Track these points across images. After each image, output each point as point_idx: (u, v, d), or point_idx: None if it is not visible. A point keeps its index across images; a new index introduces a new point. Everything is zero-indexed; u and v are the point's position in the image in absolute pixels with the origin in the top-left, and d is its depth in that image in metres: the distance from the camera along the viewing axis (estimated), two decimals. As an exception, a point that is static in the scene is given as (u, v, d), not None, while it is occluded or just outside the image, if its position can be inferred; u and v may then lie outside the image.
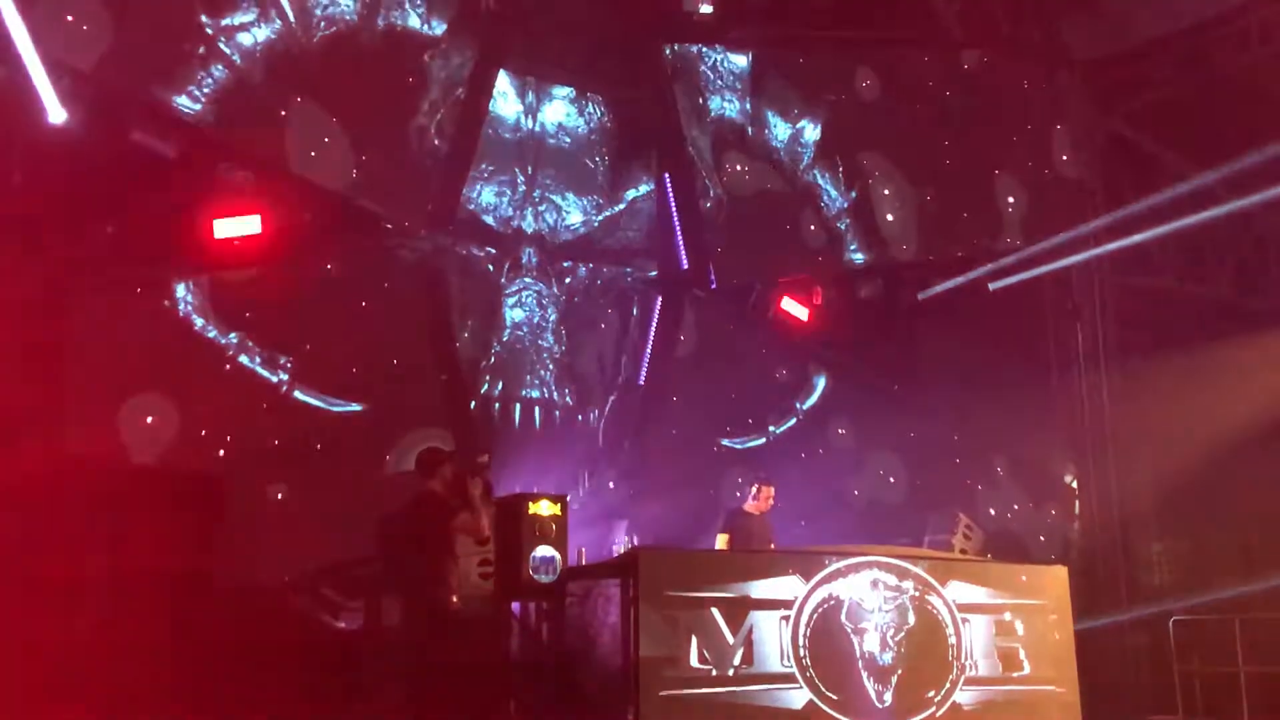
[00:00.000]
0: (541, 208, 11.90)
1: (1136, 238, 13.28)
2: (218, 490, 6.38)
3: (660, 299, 12.19)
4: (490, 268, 11.62)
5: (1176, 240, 13.95)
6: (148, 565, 6.08)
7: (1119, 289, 14.34)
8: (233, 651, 8.01)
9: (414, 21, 11.25)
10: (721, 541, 8.82)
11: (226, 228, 9.81)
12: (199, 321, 9.99)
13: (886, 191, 13.62)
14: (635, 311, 12.40)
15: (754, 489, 9.30)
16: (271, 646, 8.43)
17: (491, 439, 10.94)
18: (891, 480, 13.24)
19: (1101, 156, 14.69)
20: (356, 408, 10.51)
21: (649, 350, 12.05)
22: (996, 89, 14.27)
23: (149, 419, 9.23)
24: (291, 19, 10.48)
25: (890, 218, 13.60)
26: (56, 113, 8.59)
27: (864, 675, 7.58)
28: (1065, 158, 14.56)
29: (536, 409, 11.42)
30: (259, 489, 9.52)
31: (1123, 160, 14.61)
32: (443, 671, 7.06)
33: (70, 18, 9.13)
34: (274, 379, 10.21)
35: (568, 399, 11.54)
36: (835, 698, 7.43)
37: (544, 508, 8.00)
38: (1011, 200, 14.29)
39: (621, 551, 8.22)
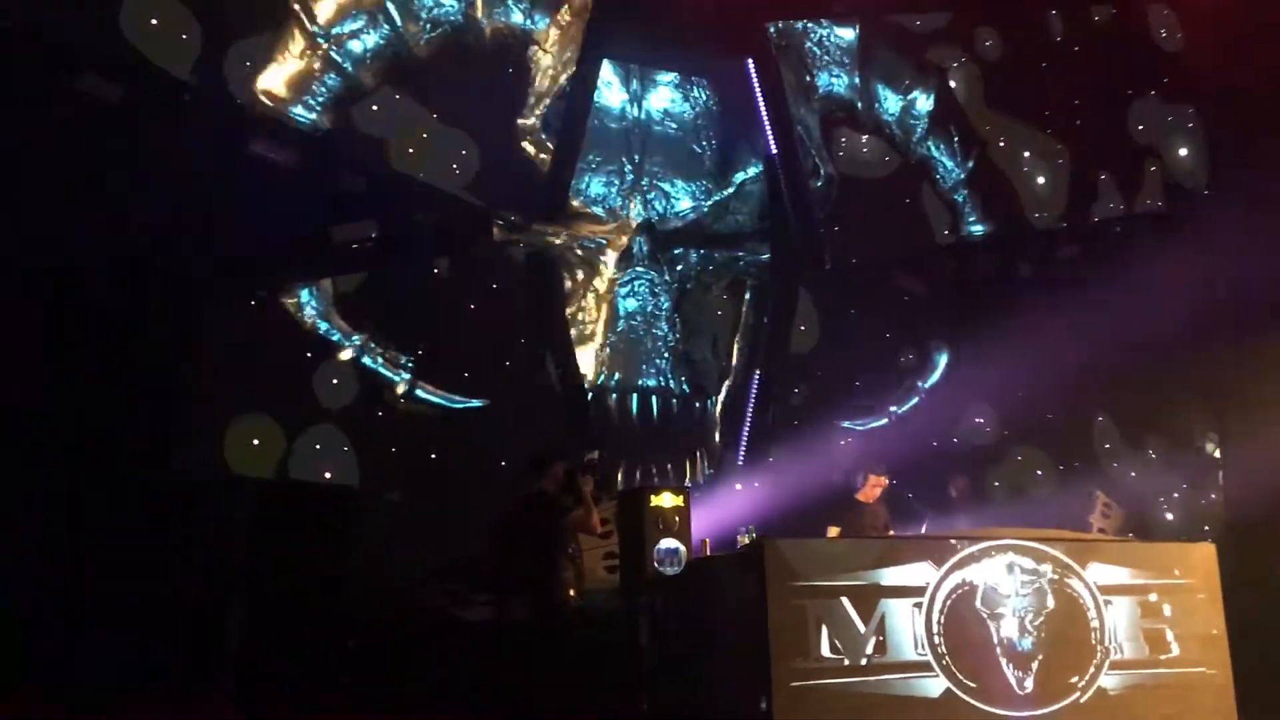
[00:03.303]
0: (650, 195, 11.86)
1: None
2: (349, 494, 6.52)
3: (774, 282, 12.01)
4: (602, 258, 11.63)
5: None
6: (285, 569, 6.27)
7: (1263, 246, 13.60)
8: (371, 647, 8.20)
9: (517, 17, 11.31)
10: (832, 534, 8.66)
11: (346, 232, 10.04)
12: (323, 326, 10.24)
13: (1007, 159, 13.18)
14: (749, 295, 12.27)
15: (861, 476, 9.12)
16: (405, 641, 8.60)
17: (608, 430, 10.97)
18: (1019, 457, 12.87)
19: (1234, 111, 13.95)
20: (477, 404, 10.65)
21: (764, 334, 11.89)
22: (1128, 42, 13.66)
23: (276, 424, 9.53)
24: (399, 23, 10.64)
25: (1012, 185, 13.16)
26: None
27: (1003, 662, 7.35)
28: (1180, 114, 13.89)
29: (653, 398, 11.40)
30: (387, 487, 9.72)
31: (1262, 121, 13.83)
32: (572, 665, 7.09)
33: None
34: (396, 379, 10.42)
35: (684, 387, 11.49)
36: (973, 685, 7.22)
37: (666, 500, 7.96)
38: (1144, 161, 13.69)
39: (746, 542, 8.12)
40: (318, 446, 9.77)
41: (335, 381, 10.13)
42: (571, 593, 6.99)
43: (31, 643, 6.68)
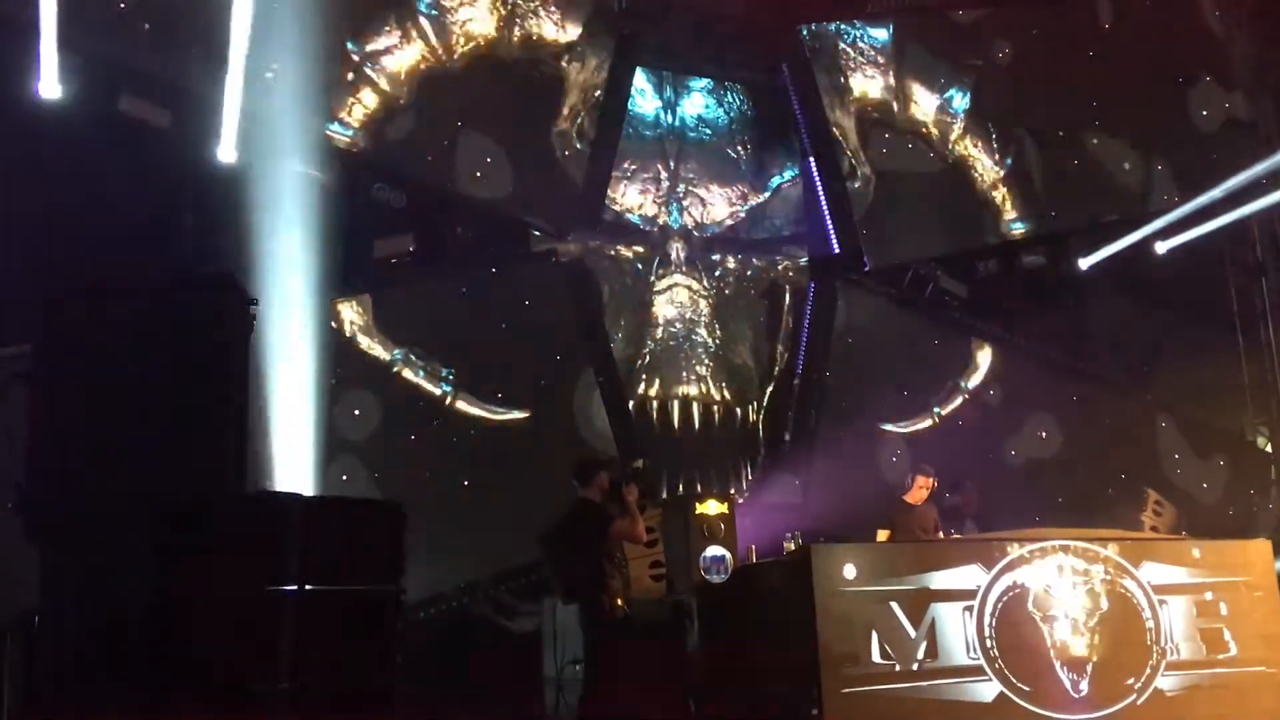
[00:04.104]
0: (686, 202, 11.84)
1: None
2: (397, 509, 6.58)
3: (813, 285, 11.96)
4: (639, 266, 11.62)
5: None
6: (334, 584, 6.33)
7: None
8: (419, 659, 8.21)
9: (549, 28, 11.34)
10: (881, 537, 8.60)
11: (384, 247, 10.10)
12: (364, 341, 10.30)
13: (1043, 156, 13.06)
14: (788, 300, 12.21)
15: (909, 478, 9.07)
16: (454, 651, 8.62)
17: (651, 439, 10.94)
18: (1069, 456, 12.69)
19: (1275, 96, 13.75)
20: (518, 415, 10.67)
21: (805, 338, 11.83)
22: (1155, 34, 13.50)
23: (322, 440, 9.58)
24: (432, 38, 10.71)
25: (1049, 183, 13.03)
26: (228, 153, 8.97)
27: (1057, 665, 7.26)
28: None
29: (694, 405, 11.37)
30: (432, 499, 9.74)
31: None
32: (620, 673, 7.07)
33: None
34: (438, 391, 10.46)
35: (725, 393, 11.44)
36: (1027, 689, 7.14)
37: (711, 507, 7.96)
38: (1178, 154, 13.53)
39: (793, 547, 8.08)
40: (360, 462, 9.83)
41: (374, 400, 10.18)
42: (619, 602, 6.95)
43: (94, 650, 6.77)
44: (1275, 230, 13.30)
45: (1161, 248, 12.44)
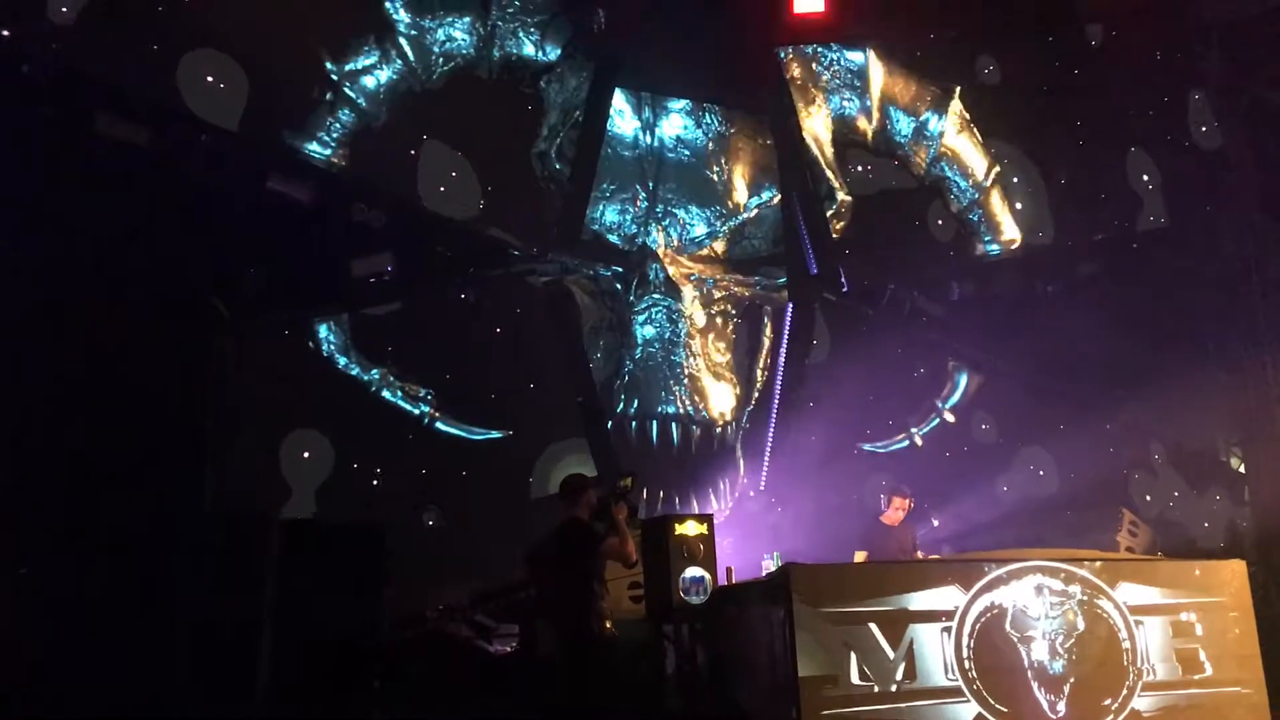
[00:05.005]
0: (665, 222, 11.85)
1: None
2: (377, 531, 6.51)
3: (791, 305, 11.99)
4: (618, 286, 11.62)
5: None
6: (313, 607, 6.26)
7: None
8: (398, 685, 8.16)
9: (529, 49, 11.37)
10: (859, 558, 8.62)
11: (362, 267, 10.08)
12: (342, 360, 10.26)
13: (1018, 178, 13.18)
14: (766, 320, 12.24)
15: (885, 500, 9.11)
16: (431, 674, 8.55)
17: (630, 459, 10.93)
18: (1043, 475, 12.78)
19: (1246, 122, 13.92)
20: (497, 435, 10.65)
21: (783, 358, 11.86)
22: (1127, 62, 13.68)
23: (301, 461, 9.55)
24: (411, 58, 10.72)
25: (1023, 204, 13.15)
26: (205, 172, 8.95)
27: (1034, 685, 7.29)
28: (1205, 128, 13.86)
29: (673, 425, 11.35)
30: (410, 521, 9.71)
31: (1270, 125, 13.81)
32: (598, 696, 7.01)
33: (210, 78, 9.47)
34: (416, 412, 10.43)
35: (704, 413, 11.44)
36: (1005, 710, 7.16)
37: (690, 528, 7.92)
38: (1150, 177, 13.69)
39: (771, 569, 8.07)
40: (352, 471, 9.82)
41: (351, 420, 10.15)
42: (607, 624, 6.88)
43: (57, 674, 6.70)
44: (1249, 249, 13.42)
45: (1138, 267, 12.59)
